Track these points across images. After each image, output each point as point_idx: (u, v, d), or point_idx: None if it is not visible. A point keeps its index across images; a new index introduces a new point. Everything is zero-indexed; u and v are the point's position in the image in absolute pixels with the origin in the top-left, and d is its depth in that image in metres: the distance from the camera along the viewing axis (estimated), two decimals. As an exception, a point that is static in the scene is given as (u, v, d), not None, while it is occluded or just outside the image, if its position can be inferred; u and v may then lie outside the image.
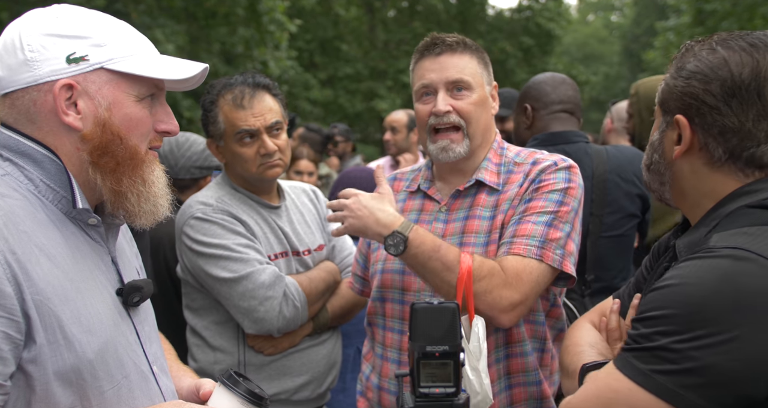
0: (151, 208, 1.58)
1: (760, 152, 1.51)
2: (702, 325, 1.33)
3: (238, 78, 2.79)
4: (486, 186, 2.35)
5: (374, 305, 2.46)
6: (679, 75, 1.59)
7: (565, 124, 3.37)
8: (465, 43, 2.37)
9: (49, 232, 1.44)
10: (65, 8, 1.54)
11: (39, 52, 1.47)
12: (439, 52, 2.34)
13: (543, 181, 2.28)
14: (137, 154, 1.55)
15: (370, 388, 2.45)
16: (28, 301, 1.35)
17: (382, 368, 2.40)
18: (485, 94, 2.38)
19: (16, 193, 1.44)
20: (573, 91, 3.46)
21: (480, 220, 2.31)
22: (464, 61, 2.34)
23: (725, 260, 1.37)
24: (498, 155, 2.42)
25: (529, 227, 2.20)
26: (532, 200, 2.25)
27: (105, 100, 1.51)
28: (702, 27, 17.30)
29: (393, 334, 2.38)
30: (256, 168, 2.75)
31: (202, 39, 15.90)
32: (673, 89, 1.59)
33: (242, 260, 2.64)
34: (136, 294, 1.59)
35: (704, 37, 1.62)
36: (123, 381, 1.50)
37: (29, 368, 1.36)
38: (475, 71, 2.36)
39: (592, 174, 3.17)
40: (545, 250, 2.17)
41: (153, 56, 1.58)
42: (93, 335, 1.44)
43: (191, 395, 1.73)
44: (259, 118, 2.72)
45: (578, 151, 3.22)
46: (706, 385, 1.32)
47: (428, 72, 2.34)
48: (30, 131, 1.50)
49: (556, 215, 2.22)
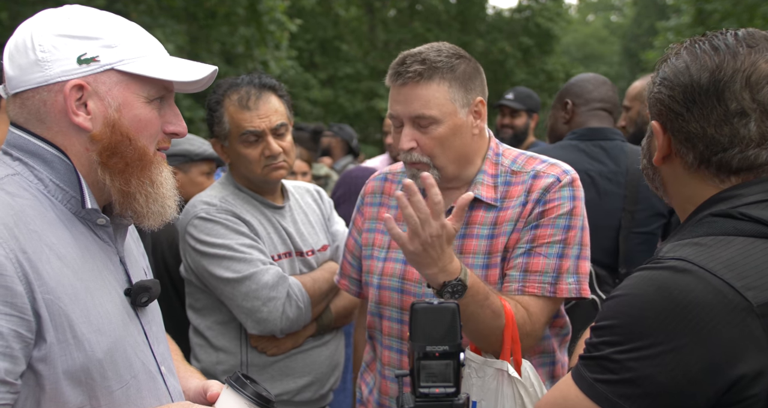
0: (159, 209, 1.58)
1: (728, 157, 1.48)
2: (639, 336, 1.34)
3: (245, 78, 2.78)
4: (483, 202, 2.24)
5: (373, 320, 2.39)
6: (654, 81, 1.59)
7: (603, 122, 3.48)
8: (433, 67, 2.16)
9: (58, 231, 1.45)
10: (77, 9, 1.55)
11: (50, 52, 1.47)
12: (402, 83, 2.18)
13: (548, 203, 2.19)
14: (146, 155, 1.55)
15: (371, 403, 2.41)
16: (39, 300, 1.35)
17: (381, 386, 2.36)
18: (458, 121, 2.19)
19: (26, 193, 1.45)
20: (612, 93, 3.59)
21: (478, 239, 2.23)
22: (430, 91, 2.16)
23: (665, 272, 1.37)
24: (493, 164, 2.29)
25: (541, 262, 2.15)
26: (539, 227, 2.17)
27: (115, 101, 1.51)
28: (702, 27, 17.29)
29: (391, 353, 2.33)
30: (261, 169, 2.74)
31: (202, 39, 15.90)
32: (649, 95, 1.59)
33: (246, 260, 2.63)
34: (145, 294, 1.60)
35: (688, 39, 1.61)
36: (131, 381, 1.51)
37: (39, 367, 1.36)
38: (444, 100, 2.17)
39: (626, 171, 3.26)
40: (559, 285, 2.15)
41: (163, 58, 1.59)
42: (102, 335, 1.44)
43: (198, 396, 1.73)
44: (264, 120, 2.71)
45: (615, 147, 3.33)
46: (644, 396, 1.33)
47: (395, 103, 2.23)
48: (40, 131, 1.50)
49: (565, 243, 2.17)
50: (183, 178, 3.53)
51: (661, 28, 21.18)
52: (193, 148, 3.58)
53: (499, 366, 1.98)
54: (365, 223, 2.47)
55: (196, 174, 3.58)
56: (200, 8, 15.64)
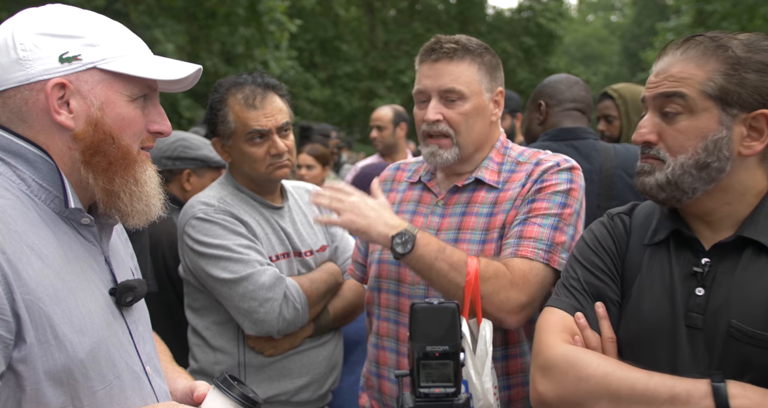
0: (143, 207, 1.58)
1: None
2: None
3: (247, 77, 2.79)
4: (485, 184, 2.35)
5: (371, 295, 2.48)
6: (751, 69, 1.60)
7: (577, 122, 3.51)
8: (466, 48, 2.32)
9: (40, 231, 1.44)
10: (58, 8, 1.54)
11: (31, 51, 1.46)
12: (436, 58, 2.31)
13: (546, 182, 2.27)
14: (129, 154, 1.55)
15: (370, 379, 2.47)
16: (18, 301, 1.34)
17: (378, 357, 2.41)
18: (482, 103, 2.34)
19: (8, 193, 1.44)
20: (585, 93, 3.63)
21: (477, 216, 2.31)
22: (461, 68, 2.30)
23: None
24: (501, 154, 2.41)
25: (536, 229, 2.19)
26: (535, 201, 2.25)
27: (97, 100, 1.51)
28: (702, 27, 17.30)
29: (388, 324, 2.40)
30: (265, 168, 2.75)
31: (202, 39, 15.92)
32: (748, 82, 1.60)
33: (243, 261, 2.63)
34: (129, 294, 1.58)
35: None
36: (115, 381, 1.49)
37: (19, 368, 1.35)
38: (472, 79, 2.31)
39: (599, 168, 3.27)
40: (552, 254, 2.18)
41: (146, 56, 1.58)
42: (84, 335, 1.43)
43: (185, 397, 1.72)
44: (270, 119, 2.72)
45: (587, 146, 3.34)
46: None
47: (424, 78, 2.34)
48: (22, 130, 1.49)
49: (561, 218, 2.22)
50: (196, 182, 3.56)
51: (661, 29, 21.19)
52: (213, 155, 3.61)
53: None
54: None
55: (209, 180, 3.59)
56: (200, 8, 15.66)
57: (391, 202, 2.49)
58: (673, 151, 1.68)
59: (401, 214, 2.42)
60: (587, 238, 1.91)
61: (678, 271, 1.72)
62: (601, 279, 1.82)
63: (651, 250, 1.79)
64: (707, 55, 1.64)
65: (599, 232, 1.89)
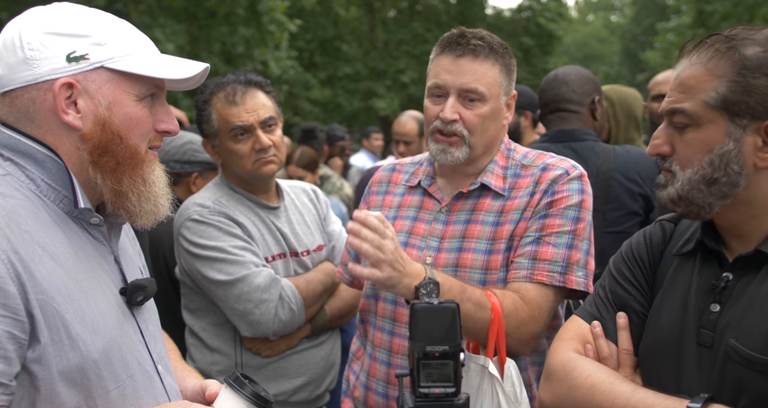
0: (151, 207, 1.57)
1: None
2: None
3: (230, 77, 2.79)
4: (491, 190, 2.27)
5: (367, 302, 2.39)
6: (763, 73, 1.48)
7: (569, 123, 3.45)
8: (491, 48, 2.20)
9: (51, 231, 1.44)
10: (66, 6, 1.53)
11: (39, 50, 1.46)
12: (461, 53, 2.18)
13: (557, 194, 2.20)
14: (137, 154, 1.54)
15: (357, 388, 2.39)
16: (32, 301, 1.34)
17: (370, 368, 2.34)
18: (498, 106, 2.25)
19: (18, 193, 1.44)
20: (566, 86, 3.55)
21: (482, 225, 2.23)
22: (485, 68, 2.19)
23: None
24: (505, 157, 2.33)
25: (550, 251, 2.14)
26: (548, 217, 2.18)
27: (105, 99, 1.50)
28: (702, 28, 17.29)
29: (382, 335, 2.31)
30: (252, 164, 2.73)
31: (202, 39, 15.91)
32: (757, 89, 1.48)
33: (238, 263, 2.62)
34: (140, 293, 1.58)
35: (750, 26, 1.55)
36: (128, 381, 1.50)
37: (34, 368, 1.35)
38: (494, 81, 2.21)
39: (596, 171, 3.24)
40: (568, 275, 2.14)
41: (154, 55, 1.58)
42: (97, 335, 1.43)
43: (196, 396, 1.72)
44: (252, 114, 2.71)
45: (585, 148, 3.32)
46: None
47: (444, 72, 2.20)
48: (30, 130, 1.49)
49: (575, 234, 2.17)
50: (202, 185, 3.57)
51: (661, 29, 21.18)
52: None
53: (482, 362, 1.96)
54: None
55: None
56: (200, 8, 15.64)
57: (388, 205, 2.43)
58: (682, 165, 1.60)
59: (400, 220, 2.35)
60: (624, 248, 1.87)
61: (698, 284, 1.64)
62: (626, 289, 1.78)
63: (679, 260, 1.72)
64: (717, 57, 1.53)
65: (636, 242, 1.85)
